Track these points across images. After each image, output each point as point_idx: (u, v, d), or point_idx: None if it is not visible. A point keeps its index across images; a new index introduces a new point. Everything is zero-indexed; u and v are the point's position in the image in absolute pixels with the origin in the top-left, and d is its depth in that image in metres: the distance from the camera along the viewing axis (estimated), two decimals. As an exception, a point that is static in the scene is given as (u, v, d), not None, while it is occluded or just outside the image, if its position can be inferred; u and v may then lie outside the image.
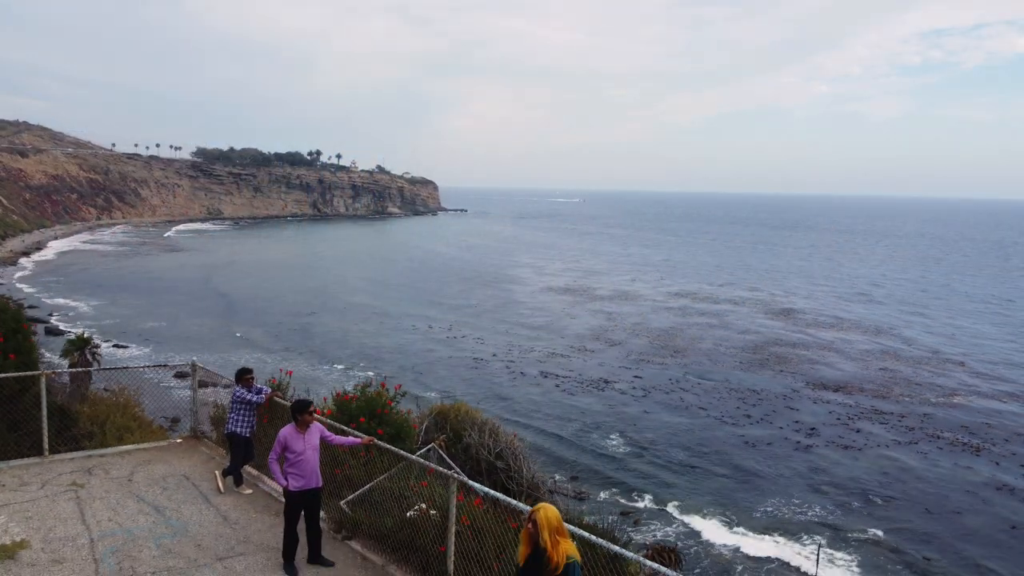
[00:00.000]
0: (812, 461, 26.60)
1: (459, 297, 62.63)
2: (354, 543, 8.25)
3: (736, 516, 22.08)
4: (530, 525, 5.19)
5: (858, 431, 29.85)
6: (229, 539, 8.26)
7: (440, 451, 9.77)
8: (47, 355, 27.16)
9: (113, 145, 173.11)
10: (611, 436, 28.74)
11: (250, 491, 9.75)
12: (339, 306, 57.29)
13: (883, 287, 72.79)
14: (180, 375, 23.90)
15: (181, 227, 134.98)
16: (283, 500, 9.15)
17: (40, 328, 41.17)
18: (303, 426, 7.76)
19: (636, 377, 37.21)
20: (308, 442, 7.72)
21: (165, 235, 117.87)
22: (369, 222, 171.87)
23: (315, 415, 7.92)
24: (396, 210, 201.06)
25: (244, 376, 9.86)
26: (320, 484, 7.90)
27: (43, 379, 10.25)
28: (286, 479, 7.66)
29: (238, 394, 9.71)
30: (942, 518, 22.69)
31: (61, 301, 55.38)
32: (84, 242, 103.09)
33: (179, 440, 11.66)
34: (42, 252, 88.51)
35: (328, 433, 8.14)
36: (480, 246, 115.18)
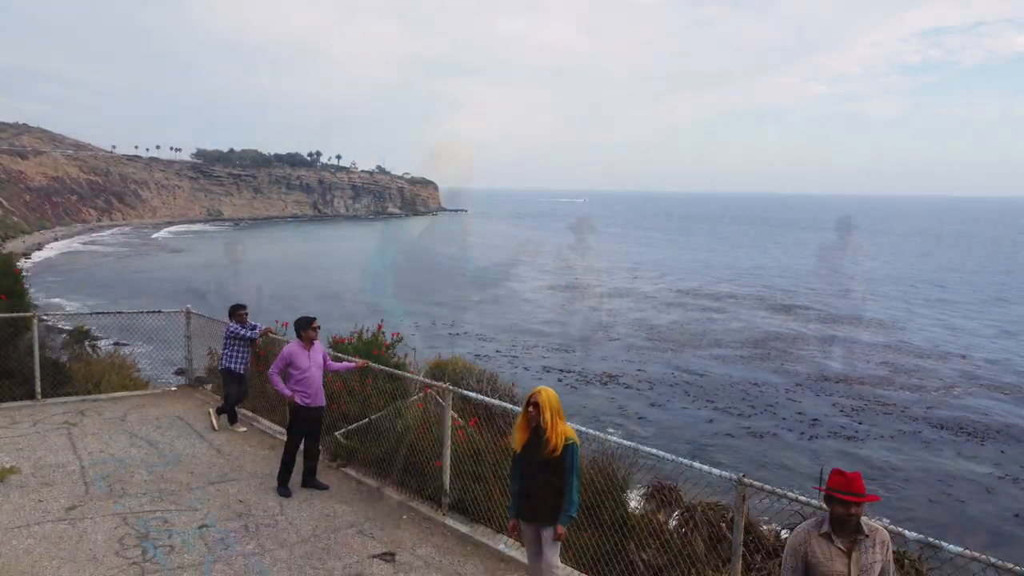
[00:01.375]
0: (814, 452, 26.36)
1: (460, 295, 62.38)
2: (349, 470, 8.13)
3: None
4: (531, 408, 5.04)
5: (860, 423, 29.63)
6: (222, 467, 8.13)
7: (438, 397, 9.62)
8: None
9: (113, 147, 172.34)
10: (610, 430, 28.56)
11: (244, 429, 9.63)
12: (339, 304, 57.14)
13: (878, 283, 72.70)
14: (179, 372, 23.89)
15: (175, 228, 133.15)
16: (277, 436, 9.01)
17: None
18: (308, 342, 7.61)
19: (639, 371, 36.98)
20: (313, 359, 7.57)
21: (153, 236, 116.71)
22: (369, 222, 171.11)
23: (318, 332, 7.78)
24: (396, 210, 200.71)
25: (238, 311, 9.70)
26: (324, 403, 7.77)
27: (35, 320, 10.12)
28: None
29: (231, 329, 9.56)
30: (946, 508, 22.45)
31: (59, 301, 55.16)
32: (83, 243, 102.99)
33: (174, 388, 11.55)
34: (40, 253, 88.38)
35: (328, 359, 8.01)
36: (481, 245, 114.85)
